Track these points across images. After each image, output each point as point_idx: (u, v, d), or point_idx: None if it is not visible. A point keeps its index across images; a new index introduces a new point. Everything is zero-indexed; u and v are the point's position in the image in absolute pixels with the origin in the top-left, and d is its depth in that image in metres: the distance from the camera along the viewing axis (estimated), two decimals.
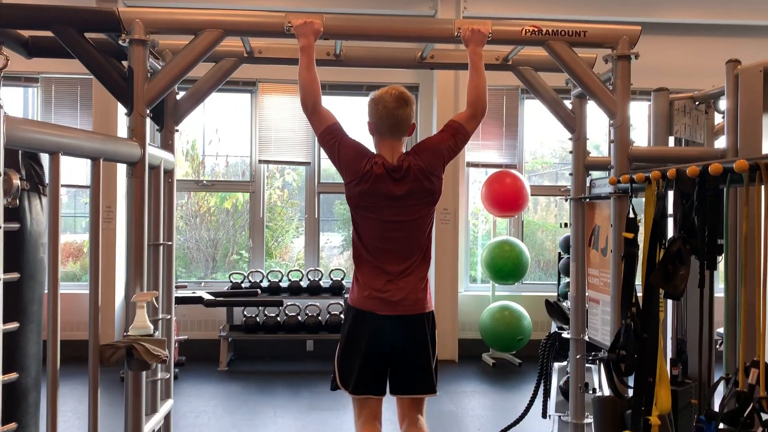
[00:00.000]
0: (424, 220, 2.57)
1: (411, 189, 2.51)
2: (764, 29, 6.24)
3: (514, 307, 5.83)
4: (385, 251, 2.54)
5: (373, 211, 2.53)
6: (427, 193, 2.54)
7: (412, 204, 2.52)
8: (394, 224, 2.52)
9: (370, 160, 2.51)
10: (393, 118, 2.52)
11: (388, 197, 2.49)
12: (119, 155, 2.21)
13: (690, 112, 3.20)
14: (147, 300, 2.25)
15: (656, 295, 2.06)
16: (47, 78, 6.00)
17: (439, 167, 2.56)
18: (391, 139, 2.55)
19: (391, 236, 2.53)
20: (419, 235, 2.57)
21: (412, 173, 2.50)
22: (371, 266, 2.55)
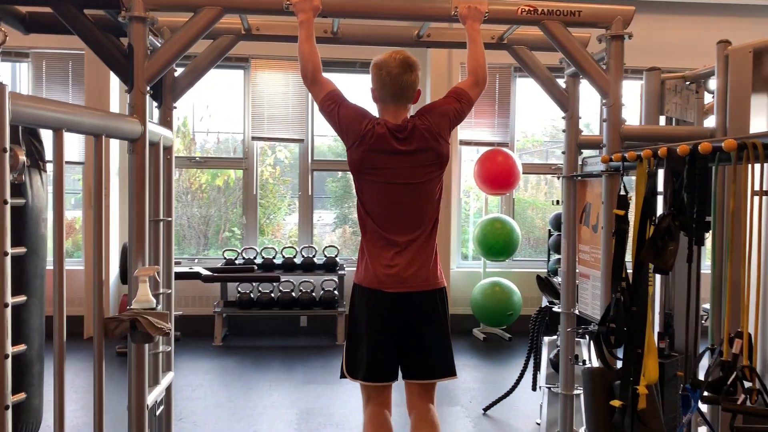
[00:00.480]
0: (433, 184, 2.47)
1: (417, 147, 2.41)
2: (756, 8, 6.28)
3: (505, 283, 5.93)
4: (392, 219, 2.44)
5: (377, 174, 2.42)
6: (434, 154, 2.44)
7: (418, 165, 2.42)
8: (401, 187, 2.42)
9: (372, 121, 2.43)
10: (397, 84, 2.43)
11: (394, 154, 2.40)
12: (121, 132, 2.24)
13: (681, 92, 3.26)
14: (149, 275, 2.29)
15: (646, 269, 2.13)
16: (38, 53, 5.95)
17: (446, 129, 2.47)
18: (395, 106, 2.46)
19: (399, 201, 2.44)
20: (428, 202, 2.47)
21: (418, 132, 2.42)
22: (378, 236, 2.45)
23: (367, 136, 2.40)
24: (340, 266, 6.01)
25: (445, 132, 2.47)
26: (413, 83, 2.47)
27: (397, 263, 2.43)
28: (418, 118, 2.47)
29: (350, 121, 2.44)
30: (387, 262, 2.44)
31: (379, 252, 2.46)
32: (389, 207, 2.46)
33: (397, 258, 2.44)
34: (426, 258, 2.48)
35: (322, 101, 2.49)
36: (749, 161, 1.69)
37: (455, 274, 6.29)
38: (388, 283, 2.44)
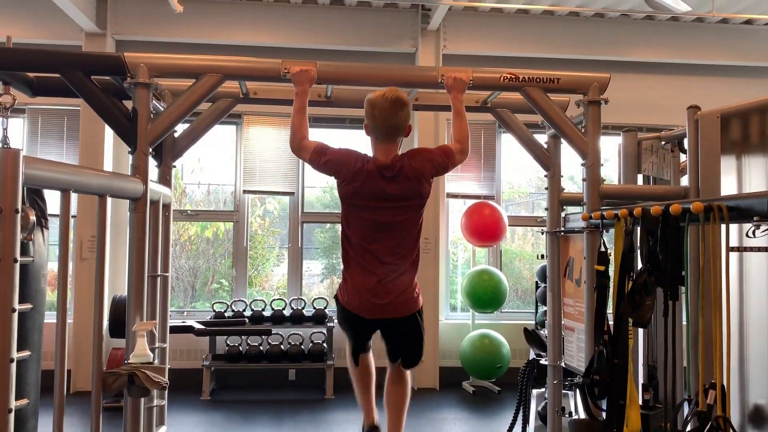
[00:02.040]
0: (413, 222, 2.73)
1: (403, 189, 2.65)
2: (723, 68, 6.61)
3: (494, 335, 5.98)
4: (374, 251, 2.67)
5: (365, 210, 2.66)
6: (417, 196, 2.68)
7: (403, 205, 2.66)
8: (385, 225, 2.67)
9: (362, 159, 2.67)
10: (388, 123, 2.66)
11: (381, 196, 2.64)
12: (124, 191, 2.34)
13: (657, 151, 3.43)
14: (147, 329, 2.36)
15: (625, 323, 2.23)
16: (34, 109, 6.08)
17: (429, 173, 2.72)
18: (386, 143, 2.70)
19: (381, 236, 2.67)
20: (408, 237, 2.71)
21: (404, 173, 2.66)
22: (360, 267, 2.69)
23: (357, 174, 2.63)
24: (329, 318, 6.04)
25: (428, 175, 2.71)
26: (404, 121, 2.71)
27: (378, 292, 2.68)
28: (407, 159, 2.70)
29: (341, 163, 2.68)
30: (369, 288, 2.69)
31: (361, 281, 2.70)
32: (372, 240, 2.68)
33: (378, 287, 2.68)
34: (406, 286, 2.74)
35: (311, 159, 2.76)
36: (716, 222, 1.82)
37: (444, 326, 6.34)
38: (369, 311, 2.72)
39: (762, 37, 6.52)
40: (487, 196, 6.47)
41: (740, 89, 6.53)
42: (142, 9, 5.95)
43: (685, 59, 6.52)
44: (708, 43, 6.49)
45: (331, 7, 6.11)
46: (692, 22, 6.46)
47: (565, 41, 6.35)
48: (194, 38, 5.96)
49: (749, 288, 2.67)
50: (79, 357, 5.62)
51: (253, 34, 6.04)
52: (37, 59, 2.49)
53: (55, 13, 5.52)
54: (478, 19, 6.26)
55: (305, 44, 5.98)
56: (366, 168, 2.61)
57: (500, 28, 6.31)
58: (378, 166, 2.62)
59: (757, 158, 2.71)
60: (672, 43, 6.47)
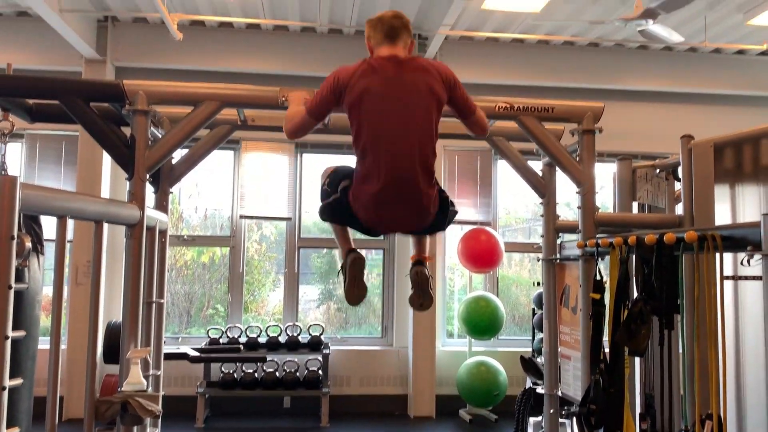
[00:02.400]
0: (428, 111, 2.39)
1: (414, 79, 2.37)
2: (719, 98, 6.69)
3: (491, 362, 5.95)
4: (386, 146, 2.34)
5: (373, 107, 2.35)
6: (430, 91, 2.37)
7: (415, 101, 2.37)
8: (396, 117, 2.35)
9: (363, 62, 2.43)
10: (389, 26, 2.44)
11: (390, 83, 2.36)
12: (120, 218, 2.35)
13: (652, 180, 3.45)
14: (141, 356, 2.34)
15: (621, 352, 2.22)
16: (32, 134, 6.10)
17: (445, 76, 2.44)
18: (388, 45, 2.44)
19: (393, 129, 2.35)
20: (424, 130, 2.39)
21: (416, 62, 2.42)
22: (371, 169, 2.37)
23: (360, 71, 2.39)
24: (325, 345, 6.01)
25: (443, 76, 2.43)
26: (405, 28, 2.47)
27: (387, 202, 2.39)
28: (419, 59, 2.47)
29: (339, 74, 2.41)
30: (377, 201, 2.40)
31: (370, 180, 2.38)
32: (385, 135, 2.36)
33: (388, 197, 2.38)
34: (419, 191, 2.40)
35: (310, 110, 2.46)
36: (710, 251, 1.83)
37: (441, 353, 6.30)
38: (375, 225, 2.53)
39: (754, 67, 6.61)
40: (484, 222, 6.49)
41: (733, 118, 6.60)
42: (142, 36, 6.02)
43: (679, 88, 6.61)
44: (701, 73, 6.58)
45: (329, 35, 6.19)
46: (685, 52, 6.55)
47: (561, 70, 6.43)
48: (193, 65, 6.02)
49: (745, 316, 2.67)
50: (72, 383, 5.56)
51: (251, 62, 6.11)
52: (37, 86, 2.51)
53: (55, 40, 5.58)
54: (474, 48, 6.34)
55: (304, 71, 6.05)
56: (370, 64, 2.39)
57: (496, 57, 6.39)
58: (382, 57, 2.40)
59: (750, 187, 2.74)
60: (666, 73, 6.56)
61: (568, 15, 5.71)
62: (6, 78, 2.54)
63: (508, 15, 5.70)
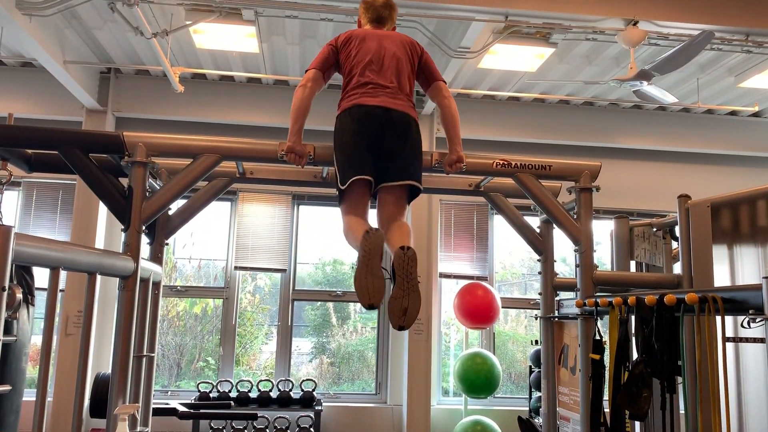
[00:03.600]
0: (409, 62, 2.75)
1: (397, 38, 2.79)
2: (713, 157, 6.78)
3: (487, 422, 5.80)
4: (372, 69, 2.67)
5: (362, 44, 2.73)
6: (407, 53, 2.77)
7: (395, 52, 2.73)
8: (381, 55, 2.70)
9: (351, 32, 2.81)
10: (378, 12, 2.87)
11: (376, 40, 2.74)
12: (114, 269, 2.31)
13: (649, 238, 3.45)
14: (130, 413, 2.27)
15: (622, 415, 2.17)
16: (29, 182, 6.11)
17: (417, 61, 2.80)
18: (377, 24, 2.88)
19: (379, 59, 2.70)
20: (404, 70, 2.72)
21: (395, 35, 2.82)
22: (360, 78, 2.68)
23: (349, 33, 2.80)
24: (318, 401, 5.87)
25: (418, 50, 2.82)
26: (391, 17, 2.90)
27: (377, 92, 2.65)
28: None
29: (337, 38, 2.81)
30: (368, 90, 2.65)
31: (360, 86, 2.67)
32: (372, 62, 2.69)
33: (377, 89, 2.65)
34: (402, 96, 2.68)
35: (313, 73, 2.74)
36: (710, 313, 1.80)
37: (436, 411, 6.16)
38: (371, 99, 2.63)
39: (746, 127, 6.73)
40: (480, 277, 6.46)
41: (727, 177, 6.68)
42: (144, 88, 6.10)
43: (673, 147, 6.70)
44: (694, 133, 6.68)
45: (328, 90, 6.26)
46: (679, 112, 6.68)
47: (556, 128, 6.52)
48: (194, 117, 6.09)
49: (747, 378, 2.62)
50: None
51: (251, 115, 6.18)
52: (37, 137, 2.52)
53: (57, 90, 5.65)
54: (471, 105, 6.44)
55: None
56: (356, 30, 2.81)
57: (493, 114, 6.49)
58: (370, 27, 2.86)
59: (748, 248, 2.73)
60: (660, 132, 6.66)
61: (563, 75, 5.83)
62: (6, 128, 2.55)
63: (504, 74, 5.82)
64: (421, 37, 5.03)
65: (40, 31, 4.64)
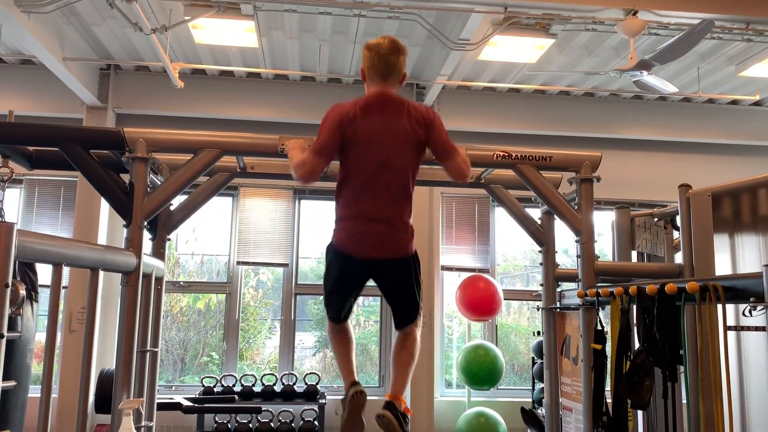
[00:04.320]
0: (410, 162, 2.54)
1: (401, 123, 2.51)
2: (713, 147, 6.76)
3: (490, 413, 5.82)
4: (369, 185, 2.49)
5: (363, 148, 2.50)
6: (414, 136, 2.52)
7: (400, 141, 2.51)
8: (383, 163, 2.49)
9: (355, 102, 2.56)
10: (385, 63, 2.54)
11: (379, 128, 2.50)
12: (117, 265, 2.32)
13: (650, 228, 3.45)
14: (134, 407, 2.28)
15: (624, 405, 2.18)
16: (31, 180, 6.12)
17: (422, 134, 2.55)
18: (382, 83, 2.57)
19: (378, 171, 2.49)
20: (403, 175, 2.53)
21: (405, 107, 2.53)
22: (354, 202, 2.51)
23: (352, 112, 2.53)
24: (321, 394, 5.89)
25: (429, 122, 2.55)
26: (401, 64, 2.58)
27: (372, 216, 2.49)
28: (409, 102, 2.57)
29: (335, 115, 2.53)
30: (360, 230, 2.49)
31: (354, 216, 2.51)
32: (370, 176, 2.50)
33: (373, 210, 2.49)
34: (396, 226, 2.51)
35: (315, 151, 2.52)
36: (712, 302, 1.81)
37: (439, 403, 6.18)
38: (361, 249, 2.51)
39: (746, 117, 6.71)
40: (482, 269, 6.46)
41: (728, 166, 6.67)
42: (144, 84, 6.10)
43: (674, 137, 6.68)
44: (695, 122, 6.67)
45: (328, 84, 6.28)
46: (680, 102, 6.66)
47: (557, 119, 6.51)
48: (194, 113, 6.09)
49: (749, 366, 2.63)
50: None
51: (251, 110, 6.18)
52: (38, 134, 2.52)
53: (58, 87, 5.65)
54: (471, 97, 6.43)
55: (303, 119, 6.12)
56: (360, 105, 2.53)
57: (493, 106, 6.48)
58: (372, 99, 2.55)
59: (749, 237, 2.73)
60: (660, 122, 6.65)
61: (564, 66, 5.81)
62: (6, 125, 2.55)
63: (504, 65, 5.81)
64: (420, 30, 5.02)
65: (39, 28, 4.64)
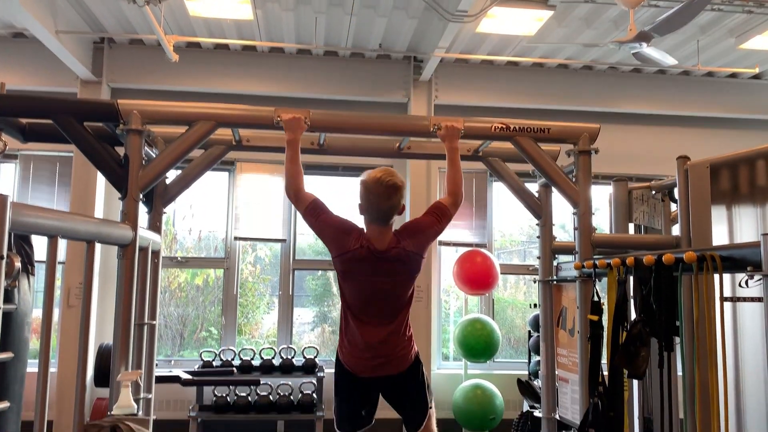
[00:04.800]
0: (406, 289, 2.75)
1: (397, 269, 2.68)
2: (712, 120, 6.73)
3: (487, 385, 5.88)
4: (368, 314, 2.69)
5: (358, 282, 2.68)
6: (411, 272, 2.73)
7: (396, 280, 2.69)
8: (378, 292, 2.67)
9: (357, 239, 2.64)
10: (382, 209, 2.65)
11: (375, 273, 2.64)
12: (112, 238, 2.31)
13: (648, 200, 3.45)
14: (132, 379, 2.29)
15: (620, 375, 2.19)
16: (26, 155, 6.08)
17: (426, 248, 2.76)
18: (379, 226, 2.67)
19: (375, 302, 2.69)
20: (400, 302, 2.74)
21: (401, 258, 2.66)
22: (355, 328, 2.71)
23: (351, 253, 2.63)
24: (320, 368, 5.93)
25: (424, 251, 2.74)
26: (398, 204, 2.69)
27: (370, 356, 2.70)
28: (403, 240, 2.68)
29: (334, 236, 2.68)
30: (362, 351, 2.70)
31: (356, 339, 2.70)
32: (366, 304, 2.71)
33: (370, 352, 2.70)
34: (396, 344, 2.74)
35: (305, 213, 2.74)
36: (709, 272, 1.81)
37: (436, 376, 6.23)
38: (364, 370, 2.71)
39: (746, 90, 6.67)
40: (479, 244, 6.47)
41: (727, 141, 6.64)
42: (138, 57, 6.03)
43: (673, 111, 6.65)
44: (694, 96, 6.63)
45: (324, 57, 6.22)
46: (679, 75, 6.61)
47: (555, 93, 6.47)
48: (189, 86, 6.03)
49: (744, 338, 2.64)
50: (63, 407, 5.46)
51: (247, 83, 6.12)
52: (31, 105, 2.49)
53: (51, 61, 5.58)
54: (469, 71, 6.38)
55: (299, 93, 6.07)
56: (360, 253, 2.63)
57: (491, 80, 6.42)
58: (372, 251, 2.63)
59: (747, 208, 2.73)
60: (659, 95, 6.60)
61: (562, 38, 5.76)
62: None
63: (502, 38, 5.75)
64: (417, 1, 4.95)
65: (31, 1, 4.57)
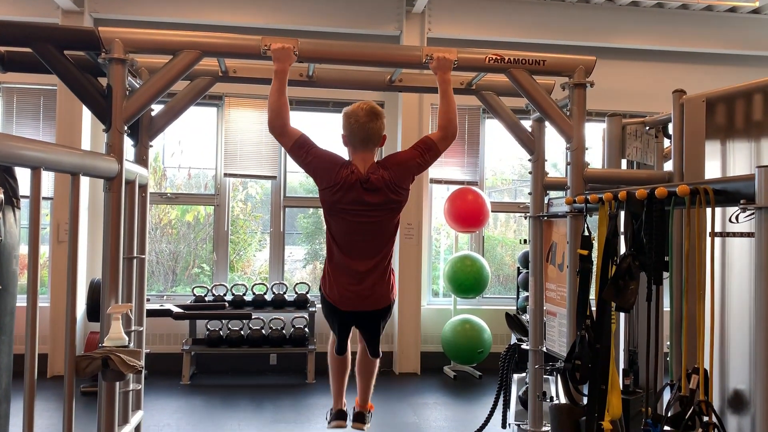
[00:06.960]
0: (390, 222, 2.85)
1: (380, 200, 2.75)
2: (708, 56, 6.62)
3: (475, 320, 5.99)
4: (354, 249, 2.82)
5: (345, 213, 2.77)
6: (394, 203, 2.81)
7: (380, 211, 2.78)
8: (364, 225, 2.78)
9: (347, 168, 2.73)
10: (364, 132, 2.75)
11: (361, 203, 2.73)
12: (98, 170, 2.27)
13: (641, 137, 3.42)
14: (122, 312, 2.30)
15: (608, 308, 2.21)
16: (9, 88, 5.94)
17: (407, 180, 2.82)
18: (363, 151, 2.79)
19: (360, 236, 2.81)
20: (385, 236, 2.85)
21: (383, 186, 2.74)
22: (341, 263, 2.84)
23: (340, 183, 2.71)
24: (311, 303, 6.00)
25: (406, 183, 2.82)
26: (379, 130, 2.81)
27: (355, 289, 2.84)
28: (384, 170, 2.77)
29: (323, 168, 2.74)
30: (347, 284, 2.84)
31: (341, 276, 2.85)
32: (352, 239, 2.83)
33: (356, 285, 2.83)
34: (379, 281, 2.86)
35: (292, 149, 2.77)
36: (701, 205, 1.80)
37: (426, 311, 6.33)
38: (347, 304, 2.87)
39: (745, 25, 6.54)
40: (471, 182, 6.46)
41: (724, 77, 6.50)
42: None
43: (670, 46, 6.52)
44: (692, 31, 6.49)
45: None
46: (677, 9, 6.46)
47: (551, 26, 6.32)
48: (174, 18, 5.83)
49: (731, 274, 2.67)
50: (57, 341, 5.54)
51: (233, 14, 5.93)
52: (8, 32, 2.39)
53: None
54: (462, 3, 6.20)
55: (287, 25, 5.90)
56: (347, 180, 2.71)
57: (485, 13, 6.26)
58: (358, 179, 2.73)
59: (741, 143, 2.71)
60: (657, 30, 6.46)
61: None
62: None
63: None
64: None
65: None
